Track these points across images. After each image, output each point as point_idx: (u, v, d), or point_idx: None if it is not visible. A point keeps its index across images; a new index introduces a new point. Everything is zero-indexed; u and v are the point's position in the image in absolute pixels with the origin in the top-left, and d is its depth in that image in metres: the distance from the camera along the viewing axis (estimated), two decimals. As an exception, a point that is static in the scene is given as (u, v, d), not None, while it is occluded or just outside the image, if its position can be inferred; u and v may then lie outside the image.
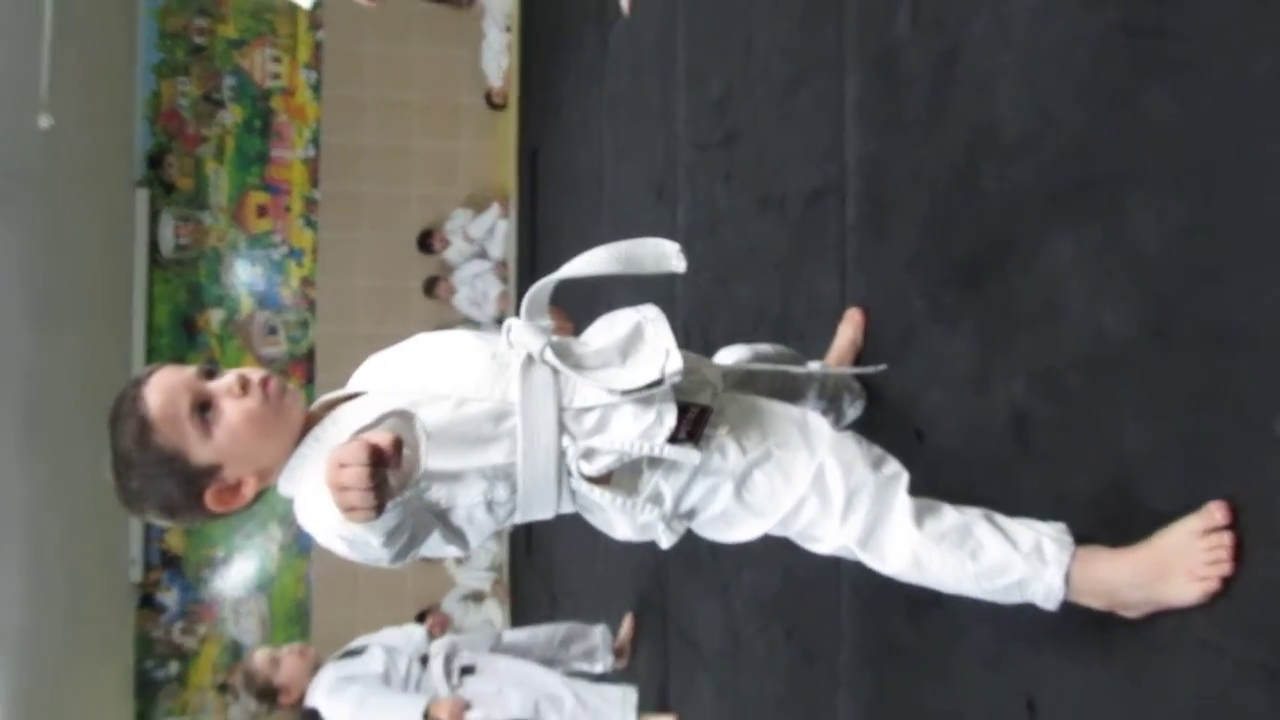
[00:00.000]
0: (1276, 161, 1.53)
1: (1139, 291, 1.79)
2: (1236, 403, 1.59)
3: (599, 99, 5.90)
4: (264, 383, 1.75)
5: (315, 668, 4.15)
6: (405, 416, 1.51)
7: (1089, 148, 1.93)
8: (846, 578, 2.74)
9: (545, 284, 1.87)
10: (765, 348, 2.42)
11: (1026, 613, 1.80)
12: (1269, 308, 1.54)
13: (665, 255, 1.85)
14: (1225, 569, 1.59)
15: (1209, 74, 1.66)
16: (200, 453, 1.71)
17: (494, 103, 9.87)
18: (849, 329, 2.70)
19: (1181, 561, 1.63)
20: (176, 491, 1.72)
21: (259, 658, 4.15)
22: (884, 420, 2.53)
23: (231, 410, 1.72)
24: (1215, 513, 1.60)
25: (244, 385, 1.73)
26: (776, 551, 2.16)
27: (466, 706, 4.04)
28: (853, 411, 2.57)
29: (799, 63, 3.20)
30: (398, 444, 1.40)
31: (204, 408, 1.71)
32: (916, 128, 2.52)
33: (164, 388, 1.72)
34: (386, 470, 1.39)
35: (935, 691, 2.36)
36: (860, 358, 2.67)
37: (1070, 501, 1.90)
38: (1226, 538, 1.58)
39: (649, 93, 4.86)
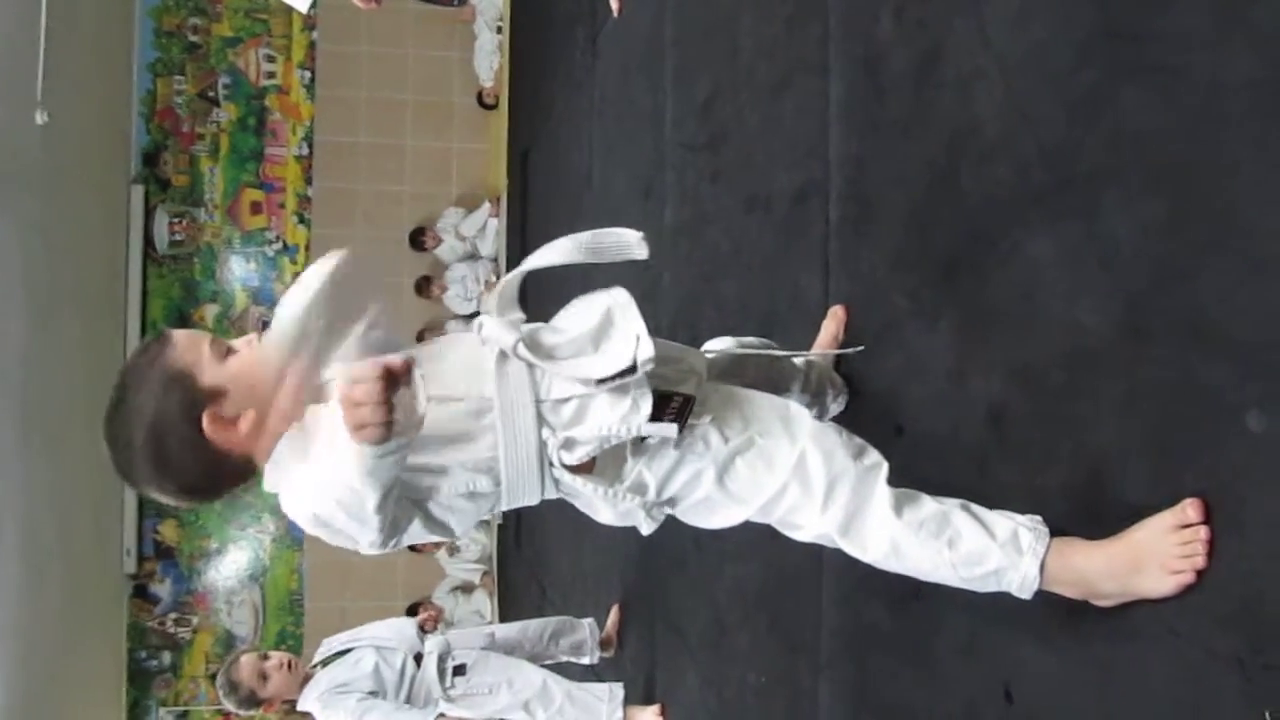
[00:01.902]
0: (1249, 162, 1.55)
1: (1115, 289, 1.80)
2: (1210, 398, 1.60)
3: (589, 100, 5.90)
4: None
5: (303, 679, 4.09)
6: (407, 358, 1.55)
7: (1067, 148, 1.94)
8: (828, 569, 2.76)
9: (513, 277, 1.89)
10: (751, 340, 2.43)
11: (1004, 602, 1.81)
12: (1242, 305, 1.55)
13: (628, 244, 1.87)
14: (1199, 562, 1.60)
15: (1184, 77, 1.67)
16: (210, 374, 1.73)
17: (485, 103, 9.90)
18: (832, 325, 2.72)
19: (1155, 555, 1.64)
20: (176, 409, 1.72)
21: (245, 666, 4.06)
22: (865, 414, 2.55)
23: (249, 352, 1.77)
24: (1189, 509, 1.62)
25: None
26: (760, 542, 2.19)
27: None
28: (835, 406, 2.60)
29: (784, 64, 3.22)
30: (409, 365, 1.46)
31: (225, 351, 1.77)
32: (899, 128, 2.54)
33: (191, 331, 1.81)
34: (399, 390, 1.44)
35: (915, 679, 2.38)
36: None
37: (1046, 494, 1.92)
38: (1202, 532, 1.60)
39: (638, 94, 4.87)
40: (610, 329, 1.85)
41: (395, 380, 1.44)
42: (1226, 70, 1.60)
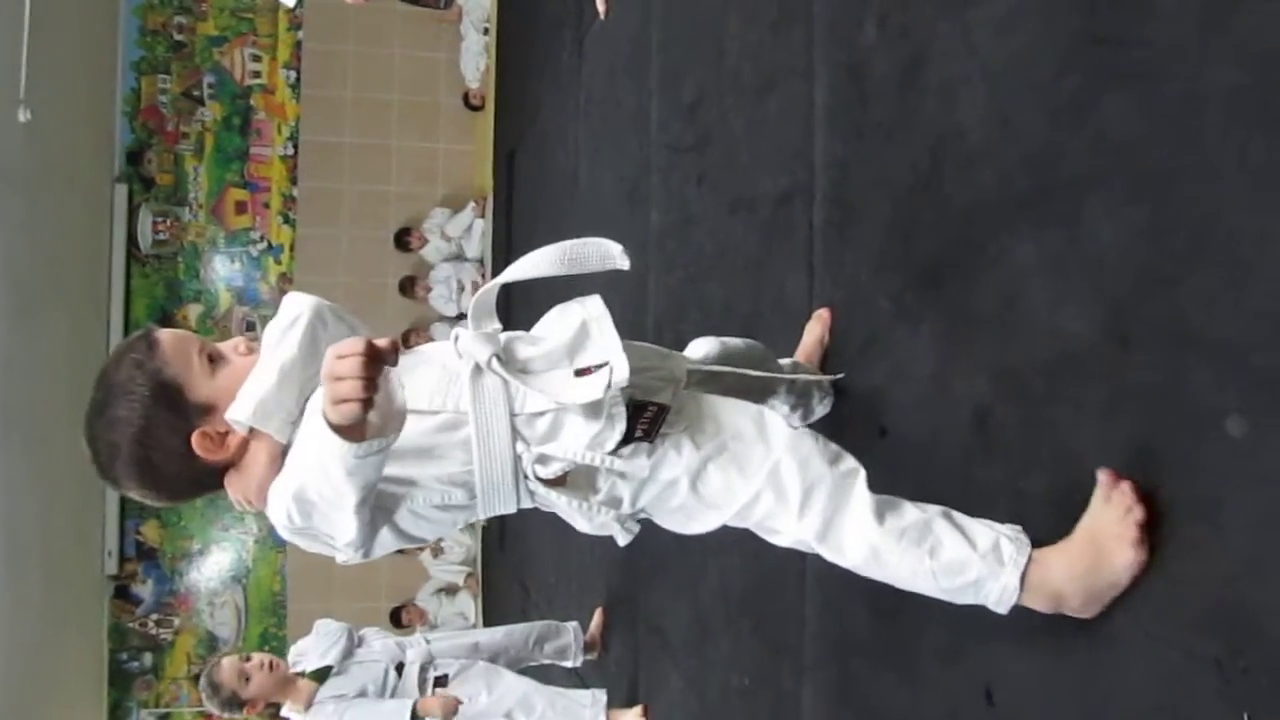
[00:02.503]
0: (1231, 168, 1.55)
1: (1097, 294, 1.80)
2: (1191, 403, 1.60)
3: (575, 101, 5.91)
4: None
5: (283, 680, 4.13)
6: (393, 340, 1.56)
7: (1050, 154, 1.95)
8: (811, 572, 2.76)
9: (490, 288, 1.87)
10: (735, 342, 2.41)
11: (984, 608, 1.80)
12: (1223, 311, 1.56)
13: (610, 255, 1.84)
14: (1138, 515, 1.64)
15: (1167, 84, 1.68)
16: (201, 388, 1.76)
17: (471, 104, 9.90)
18: (817, 327, 2.72)
19: (1108, 532, 1.67)
20: (164, 424, 1.74)
21: (226, 668, 4.08)
22: (849, 417, 2.55)
23: (239, 361, 1.79)
24: (1102, 476, 1.68)
25: (250, 347, 1.82)
26: (743, 546, 2.19)
27: (457, 703, 4.07)
28: (821, 409, 2.60)
29: (769, 68, 3.23)
30: (395, 345, 1.47)
31: (212, 358, 1.79)
32: (883, 133, 2.55)
33: (177, 332, 1.82)
34: (382, 370, 1.46)
35: (898, 682, 2.38)
36: (827, 356, 2.69)
37: (1028, 499, 1.93)
38: (1126, 486, 1.65)
39: (624, 96, 4.87)
40: (586, 341, 1.84)
41: (379, 358, 1.45)
42: (1209, 77, 1.61)
